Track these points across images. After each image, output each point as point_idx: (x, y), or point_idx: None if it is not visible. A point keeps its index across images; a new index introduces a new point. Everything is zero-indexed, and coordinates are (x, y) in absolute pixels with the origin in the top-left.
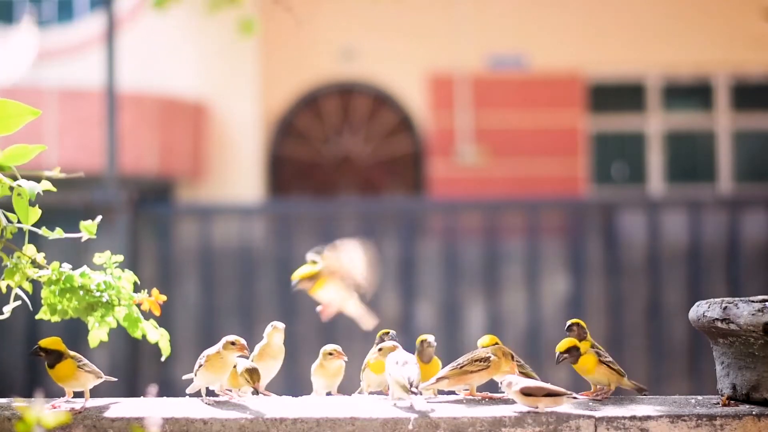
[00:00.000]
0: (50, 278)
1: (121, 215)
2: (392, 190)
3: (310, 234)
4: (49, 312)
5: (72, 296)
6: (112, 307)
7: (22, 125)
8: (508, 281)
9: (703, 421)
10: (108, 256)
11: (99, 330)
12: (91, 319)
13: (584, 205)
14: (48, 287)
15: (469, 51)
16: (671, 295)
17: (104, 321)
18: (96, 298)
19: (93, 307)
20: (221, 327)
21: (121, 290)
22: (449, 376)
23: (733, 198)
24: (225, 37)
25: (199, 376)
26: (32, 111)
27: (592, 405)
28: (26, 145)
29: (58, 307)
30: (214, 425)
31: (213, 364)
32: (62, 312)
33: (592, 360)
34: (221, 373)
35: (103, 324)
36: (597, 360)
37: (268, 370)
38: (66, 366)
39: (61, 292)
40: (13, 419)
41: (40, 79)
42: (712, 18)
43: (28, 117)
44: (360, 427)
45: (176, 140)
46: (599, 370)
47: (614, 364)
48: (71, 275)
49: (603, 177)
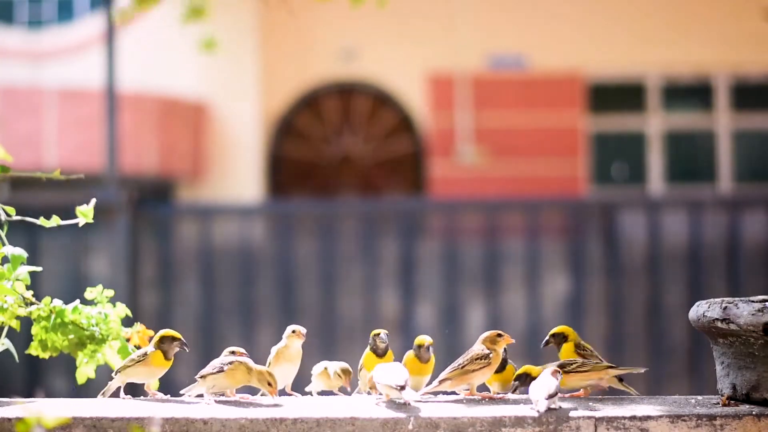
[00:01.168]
0: (41, 314)
1: (121, 215)
2: (392, 190)
3: (310, 234)
4: (40, 348)
5: (63, 331)
6: (102, 342)
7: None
8: (508, 281)
9: (703, 421)
10: (99, 291)
11: (87, 366)
12: (80, 354)
13: (584, 205)
14: (38, 323)
15: (469, 51)
16: (671, 295)
17: (93, 357)
18: (87, 333)
19: (83, 343)
20: (221, 327)
21: (111, 325)
22: (451, 377)
23: (733, 198)
24: (225, 37)
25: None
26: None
27: (592, 405)
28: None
29: (49, 343)
30: (214, 425)
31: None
32: (53, 348)
33: (570, 350)
34: (243, 381)
35: (92, 360)
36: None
37: (284, 374)
38: None
39: (52, 327)
40: (13, 419)
41: (40, 79)
42: (712, 18)
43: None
44: (360, 427)
45: (176, 140)
46: (569, 382)
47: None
48: (63, 310)
49: (603, 177)
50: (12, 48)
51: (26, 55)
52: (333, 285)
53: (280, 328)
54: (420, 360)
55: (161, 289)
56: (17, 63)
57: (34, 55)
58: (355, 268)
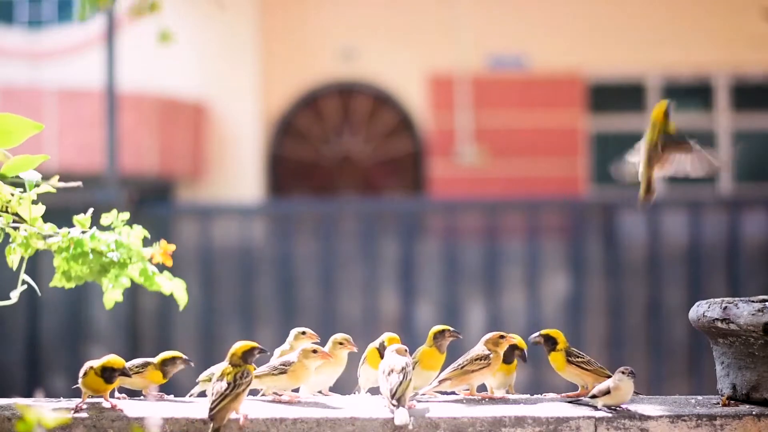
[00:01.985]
0: (60, 246)
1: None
2: (392, 190)
3: (310, 234)
4: (63, 279)
5: (84, 260)
6: (124, 266)
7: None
8: (508, 281)
9: (703, 421)
10: (115, 215)
11: (113, 291)
12: (105, 280)
13: (584, 205)
14: (59, 255)
15: (469, 51)
16: (671, 295)
17: (118, 281)
18: (108, 258)
19: (106, 269)
20: (221, 327)
21: (132, 247)
22: (451, 377)
23: (733, 198)
24: (225, 37)
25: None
26: (35, 125)
27: (592, 405)
28: (29, 156)
29: (72, 273)
30: None
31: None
32: (77, 278)
33: (560, 358)
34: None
35: (117, 285)
36: (565, 359)
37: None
38: None
39: (72, 257)
40: (13, 419)
41: (40, 79)
42: (712, 18)
43: (31, 130)
44: (360, 427)
45: (176, 140)
46: (569, 370)
47: (588, 365)
48: (81, 239)
49: (603, 177)
50: (12, 48)
51: (26, 55)
52: (333, 285)
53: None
54: (440, 350)
55: None
56: (17, 63)
57: (34, 55)
58: (355, 268)
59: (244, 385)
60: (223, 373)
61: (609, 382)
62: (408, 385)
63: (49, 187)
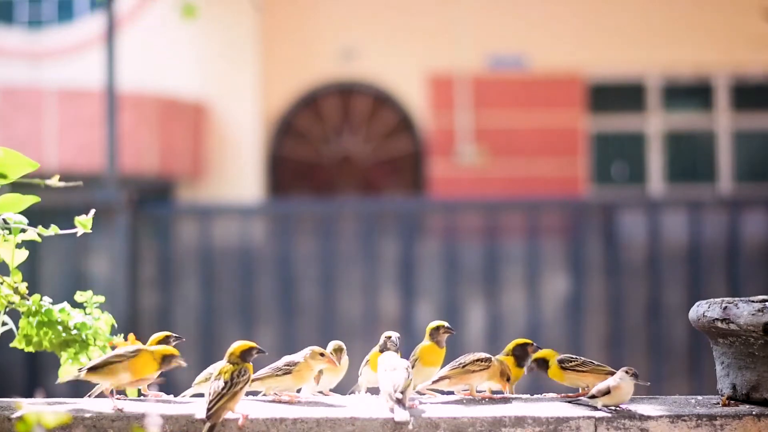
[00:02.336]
0: (29, 309)
1: (121, 215)
2: (392, 190)
3: (310, 234)
4: (24, 342)
5: (49, 330)
6: (86, 347)
7: (20, 175)
8: (508, 281)
9: (703, 421)
10: (89, 296)
11: (71, 366)
12: (64, 354)
13: (584, 205)
14: (26, 317)
15: (469, 51)
16: (671, 295)
17: (77, 359)
18: (72, 335)
19: (68, 344)
20: (221, 327)
21: (98, 331)
22: (451, 376)
23: (733, 198)
24: (225, 37)
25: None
26: (31, 163)
27: (592, 405)
28: (19, 195)
29: (34, 339)
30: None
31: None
32: (37, 344)
33: (557, 371)
34: (307, 381)
35: (75, 361)
36: (561, 370)
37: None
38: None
39: (38, 324)
40: (13, 419)
41: (40, 79)
42: (712, 18)
43: (27, 168)
44: (360, 427)
45: (176, 140)
46: (568, 377)
47: (583, 366)
48: (50, 310)
49: (603, 177)
50: (12, 48)
51: (26, 55)
52: (333, 285)
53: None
54: (439, 345)
55: (161, 288)
56: (17, 63)
57: (34, 55)
58: (355, 268)
59: (241, 383)
60: (221, 372)
61: (609, 382)
62: (410, 384)
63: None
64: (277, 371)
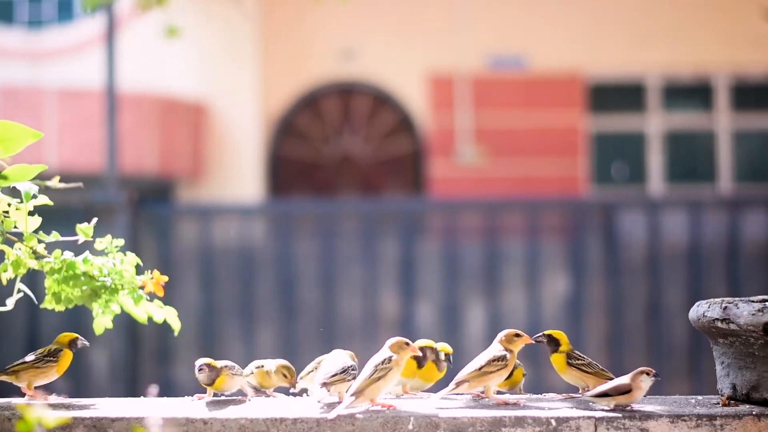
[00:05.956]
0: (52, 267)
1: (121, 215)
2: (392, 190)
3: (310, 234)
4: (53, 301)
5: (75, 283)
6: (115, 292)
7: (23, 147)
8: (508, 281)
9: (703, 421)
10: (109, 241)
11: (103, 317)
12: (95, 305)
13: (584, 205)
14: (51, 276)
15: (469, 51)
16: (671, 295)
17: (108, 307)
18: (99, 283)
19: (97, 293)
20: (221, 327)
21: (124, 274)
22: (469, 379)
23: (733, 198)
24: (225, 37)
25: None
26: (34, 133)
27: (592, 405)
28: (27, 165)
29: (62, 295)
30: (214, 425)
31: None
32: (66, 300)
33: (561, 360)
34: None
35: (107, 311)
36: (566, 362)
37: None
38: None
39: (64, 279)
40: (13, 419)
41: (40, 79)
42: (712, 18)
43: (30, 138)
44: (360, 427)
45: (176, 140)
46: (569, 372)
47: (589, 367)
48: (73, 262)
49: (603, 177)
50: (12, 48)
51: (26, 55)
52: (333, 285)
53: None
54: (438, 368)
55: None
56: (17, 63)
57: (34, 55)
58: (355, 268)
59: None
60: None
61: (624, 380)
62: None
63: (47, 199)
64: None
